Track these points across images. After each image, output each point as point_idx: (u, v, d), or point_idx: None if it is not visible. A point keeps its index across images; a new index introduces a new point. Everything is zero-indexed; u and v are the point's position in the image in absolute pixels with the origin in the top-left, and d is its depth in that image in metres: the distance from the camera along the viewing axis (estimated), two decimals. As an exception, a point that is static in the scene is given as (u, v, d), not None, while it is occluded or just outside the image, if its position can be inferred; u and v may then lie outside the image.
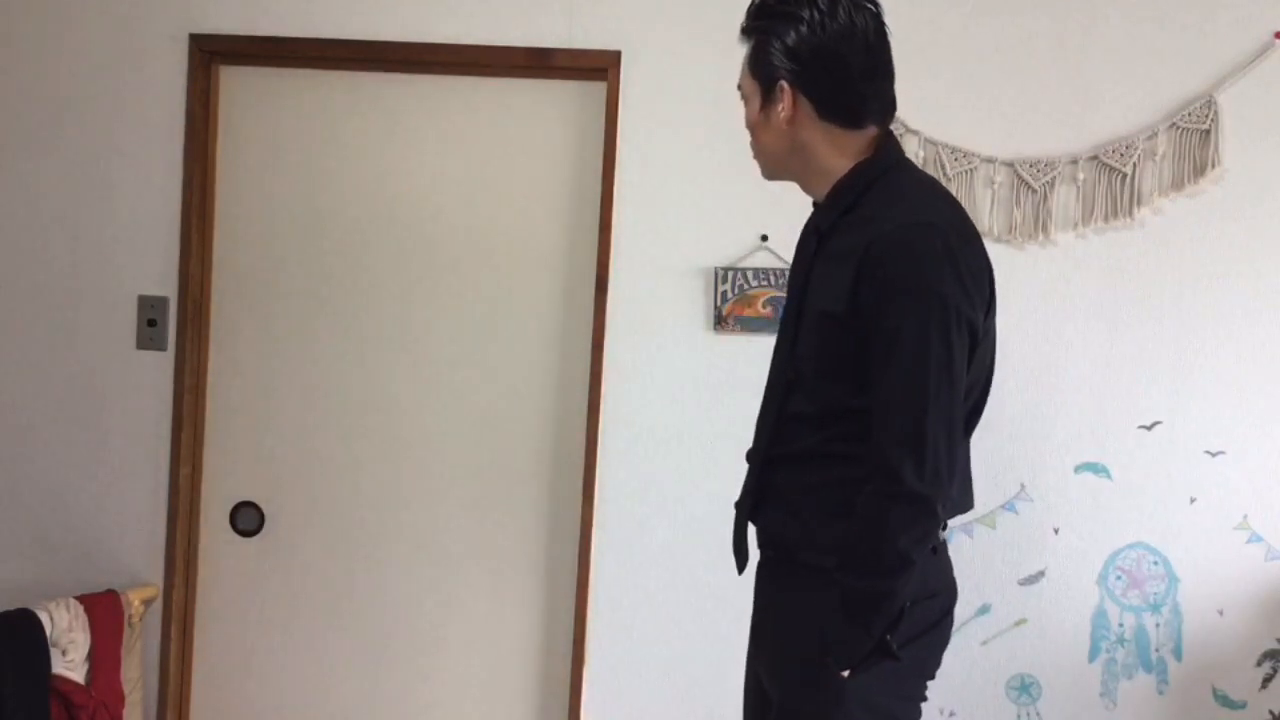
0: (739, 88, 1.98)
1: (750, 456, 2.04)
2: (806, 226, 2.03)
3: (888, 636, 1.79)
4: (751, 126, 1.96)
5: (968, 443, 2.00)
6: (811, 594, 1.84)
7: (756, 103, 1.92)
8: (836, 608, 1.79)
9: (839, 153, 1.89)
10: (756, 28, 1.90)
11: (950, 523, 2.72)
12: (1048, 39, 2.72)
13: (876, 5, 1.88)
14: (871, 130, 1.90)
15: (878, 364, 1.77)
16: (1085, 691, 2.76)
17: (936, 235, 1.77)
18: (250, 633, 3.05)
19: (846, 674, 1.80)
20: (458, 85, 2.93)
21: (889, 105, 1.92)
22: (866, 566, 1.77)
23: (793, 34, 1.84)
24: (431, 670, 3.00)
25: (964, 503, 2.01)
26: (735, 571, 2.88)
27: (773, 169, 1.99)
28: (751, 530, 2.04)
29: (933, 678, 1.97)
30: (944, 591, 1.96)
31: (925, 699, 1.98)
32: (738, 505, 2.06)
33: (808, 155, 1.91)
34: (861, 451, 1.79)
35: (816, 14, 1.83)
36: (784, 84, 1.86)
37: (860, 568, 1.77)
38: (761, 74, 1.90)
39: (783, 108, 1.87)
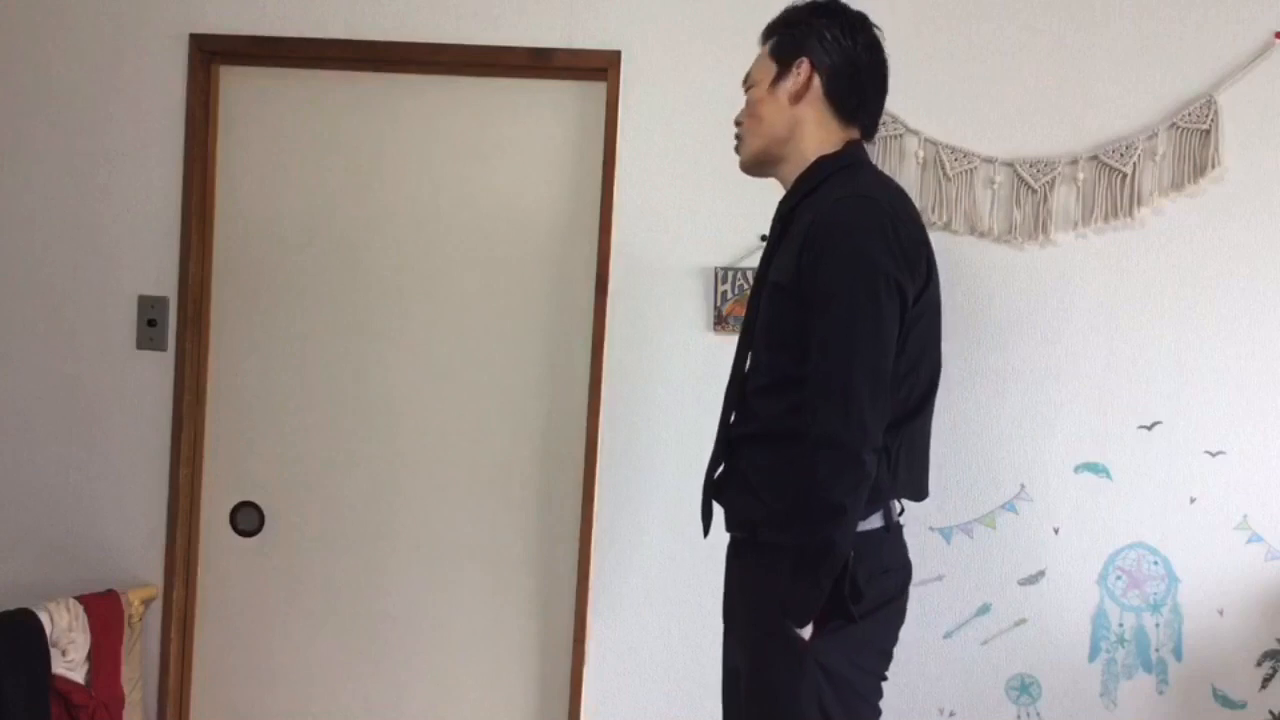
0: (748, 75, 2.13)
1: (717, 434, 2.16)
2: (775, 215, 2.18)
3: (851, 605, 1.88)
4: (753, 103, 2.10)
5: (925, 430, 2.11)
6: (775, 571, 1.93)
7: (767, 80, 2.08)
8: (784, 571, 1.89)
9: (822, 140, 2.06)
10: (782, 23, 2.10)
11: (951, 522, 2.75)
12: (1048, 39, 2.72)
13: (879, 42, 2.13)
14: (854, 133, 2.09)
15: (811, 323, 1.90)
16: (1085, 691, 2.76)
17: (871, 206, 1.94)
18: (250, 633, 3.05)
19: (808, 635, 1.89)
20: (458, 85, 2.93)
21: (875, 119, 2.13)
22: (803, 519, 1.87)
23: (821, 22, 2.06)
24: (431, 670, 3.00)
25: (916, 486, 2.10)
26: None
27: (761, 144, 2.10)
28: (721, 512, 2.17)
29: (889, 655, 2.09)
30: (899, 569, 2.08)
31: (885, 678, 2.08)
32: (705, 480, 2.18)
33: (797, 136, 2.06)
34: (803, 426, 1.90)
35: (845, 25, 2.08)
36: (805, 60, 2.04)
37: (798, 521, 1.87)
38: (781, 55, 2.07)
39: (795, 82, 2.04)
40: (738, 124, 2.17)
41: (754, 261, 2.76)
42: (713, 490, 2.16)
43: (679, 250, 2.82)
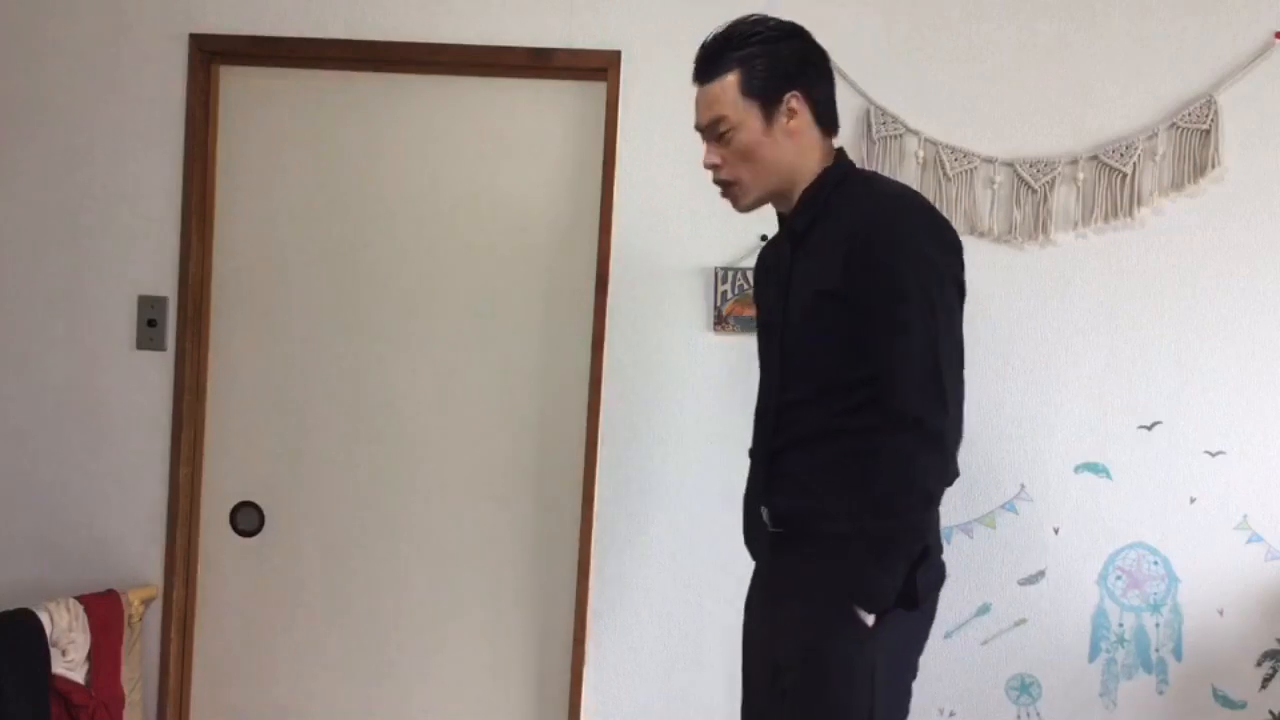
0: (718, 119, 2.03)
1: (752, 453, 2.12)
2: (766, 251, 2.19)
3: (916, 583, 1.89)
4: (749, 149, 2.03)
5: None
6: (828, 558, 1.93)
7: (756, 123, 2.01)
8: (860, 558, 1.89)
9: (818, 159, 2.06)
10: (739, 56, 2.01)
11: (951, 522, 2.75)
12: (1048, 39, 2.72)
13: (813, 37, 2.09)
14: (832, 140, 2.09)
15: (882, 327, 1.90)
16: (1085, 691, 2.76)
17: (917, 209, 1.99)
18: (250, 633, 3.05)
19: (871, 622, 1.89)
20: (458, 85, 2.93)
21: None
22: (893, 509, 1.88)
23: (784, 48, 2.02)
24: (431, 670, 3.00)
25: (952, 471, 2.08)
26: (735, 571, 2.87)
27: (766, 191, 2.08)
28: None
29: (920, 650, 2.08)
30: (939, 562, 2.06)
31: (915, 674, 2.07)
32: (745, 500, 2.13)
33: (799, 166, 2.05)
34: (860, 424, 1.91)
35: (793, 36, 2.04)
36: (796, 93, 2.01)
37: (887, 511, 1.88)
38: (760, 91, 2.00)
39: (793, 118, 2.01)
40: (714, 166, 2.07)
41: (754, 261, 2.77)
42: (757, 502, 2.10)
43: (679, 250, 2.82)
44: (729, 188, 2.09)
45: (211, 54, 2.96)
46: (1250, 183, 2.68)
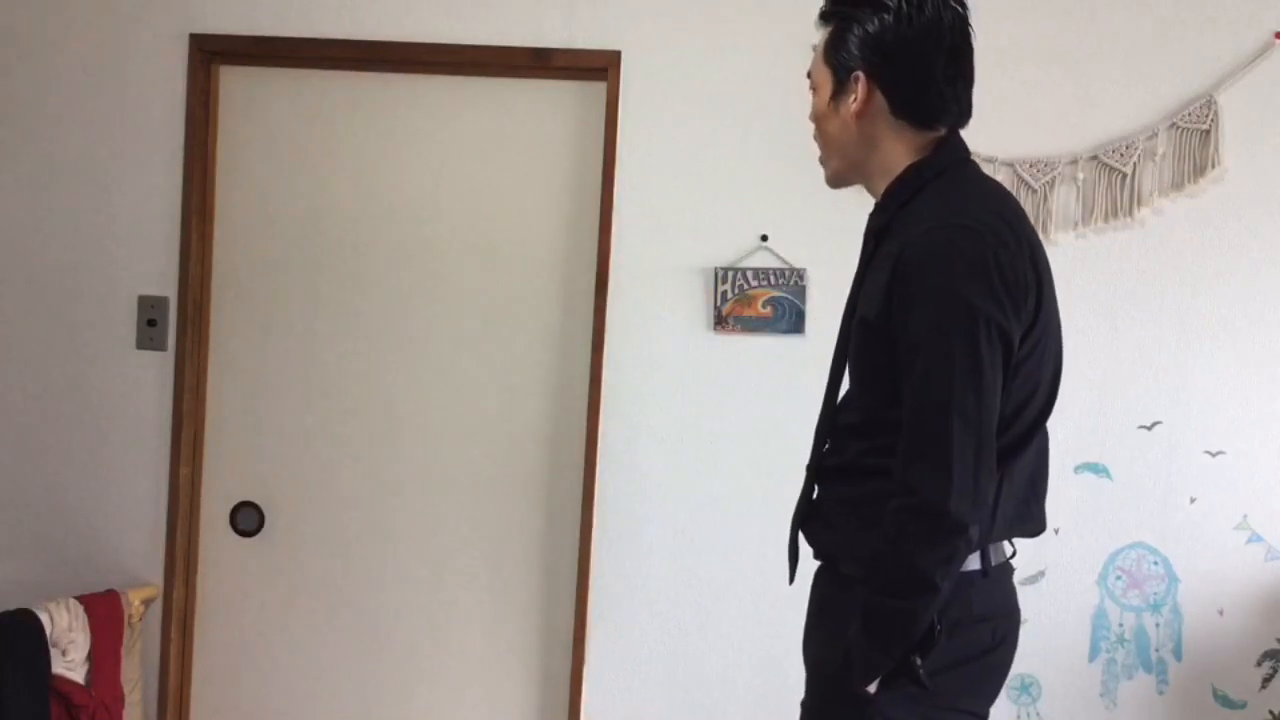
0: (808, 75, 1.87)
1: (807, 466, 1.96)
2: (866, 228, 1.91)
3: (917, 662, 1.68)
4: (817, 118, 1.85)
5: (1033, 458, 1.89)
6: (848, 603, 1.76)
7: (826, 92, 1.81)
8: (856, 626, 1.71)
9: (906, 151, 1.80)
10: (837, 13, 1.80)
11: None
12: (1048, 39, 2.72)
13: (964, 5, 1.78)
14: (941, 131, 1.80)
15: (904, 372, 1.68)
16: (1085, 691, 2.76)
17: (967, 238, 1.66)
18: (250, 633, 3.05)
19: (873, 690, 1.70)
20: (458, 85, 2.93)
21: (966, 109, 1.82)
22: (887, 584, 1.68)
23: (876, 22, 1.74)
24: (431, 670, 3.00)
25: (1027, 520, 1.89)
26: (735, 571, 2.88)
27: (838, 165, 1.87)
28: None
29: (982, 716, 1.84)
30: (997, 616, 1.82)
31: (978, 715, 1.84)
32: (794, 514, 1.97)
33: (873, 151, 1.81)
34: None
35: (905, 5, 1.73)
36: (860, 75, 1.76)
37: (881, 585, 1.68)
38: (836, 62, 1.79)
39: (855, 100, 1.77)
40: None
41: (754, 262, 2.77)
42: (799, 521, 1.93)
43: (679, 250, 2.81)
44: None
45: (211, 54, 2.96)
46: (1250, 183, 2.68)
